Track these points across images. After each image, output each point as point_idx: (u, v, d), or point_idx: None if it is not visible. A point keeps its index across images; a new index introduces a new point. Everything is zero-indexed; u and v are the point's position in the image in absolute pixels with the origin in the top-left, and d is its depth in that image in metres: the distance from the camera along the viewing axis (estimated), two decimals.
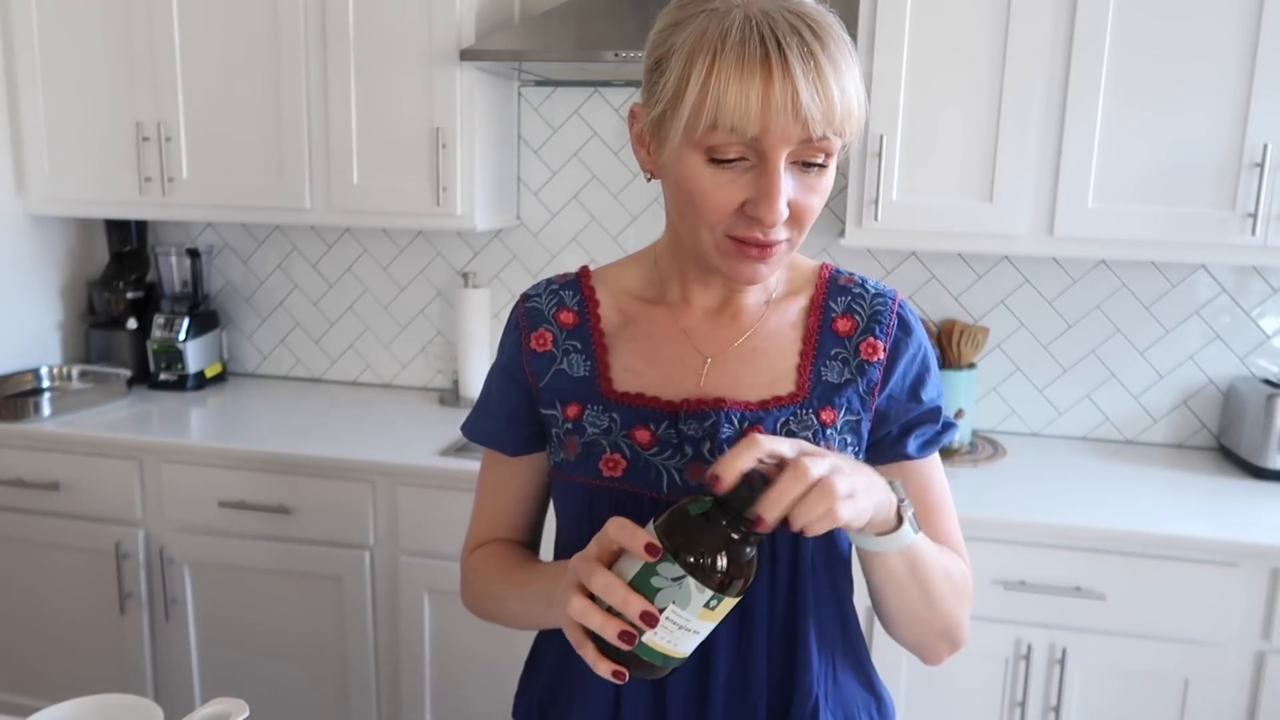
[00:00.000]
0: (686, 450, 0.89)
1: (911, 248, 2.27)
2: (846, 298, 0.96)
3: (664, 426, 0.90)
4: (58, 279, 2.65)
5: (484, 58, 2.12)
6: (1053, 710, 1.84)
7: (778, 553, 0.90)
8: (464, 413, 2.42)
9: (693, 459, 0.89)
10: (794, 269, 0.99)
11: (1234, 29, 1.84)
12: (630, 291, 0.98)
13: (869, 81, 1.98)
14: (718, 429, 0.88)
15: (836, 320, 0.95)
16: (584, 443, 0.92)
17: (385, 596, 2.12)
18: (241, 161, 2.34)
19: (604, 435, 0.92)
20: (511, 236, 2.58)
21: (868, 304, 0.95)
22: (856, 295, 0.96)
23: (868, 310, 0.95)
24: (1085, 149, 1.92)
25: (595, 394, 0.93)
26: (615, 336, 0.96)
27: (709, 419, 0.89)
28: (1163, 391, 2.30)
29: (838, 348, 0.94)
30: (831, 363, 0.93)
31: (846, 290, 0.97)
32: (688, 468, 0.89)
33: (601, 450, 0.91)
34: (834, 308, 0.96)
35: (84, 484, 2.23)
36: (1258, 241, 1.88)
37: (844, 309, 0.95)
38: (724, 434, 0.88)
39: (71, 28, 2.37)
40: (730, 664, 0.90)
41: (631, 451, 0.90)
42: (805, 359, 0.93)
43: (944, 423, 0.97)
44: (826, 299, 0.96)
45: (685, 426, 0.89)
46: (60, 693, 1.02)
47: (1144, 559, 1.76)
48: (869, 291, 0.97)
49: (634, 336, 0.96)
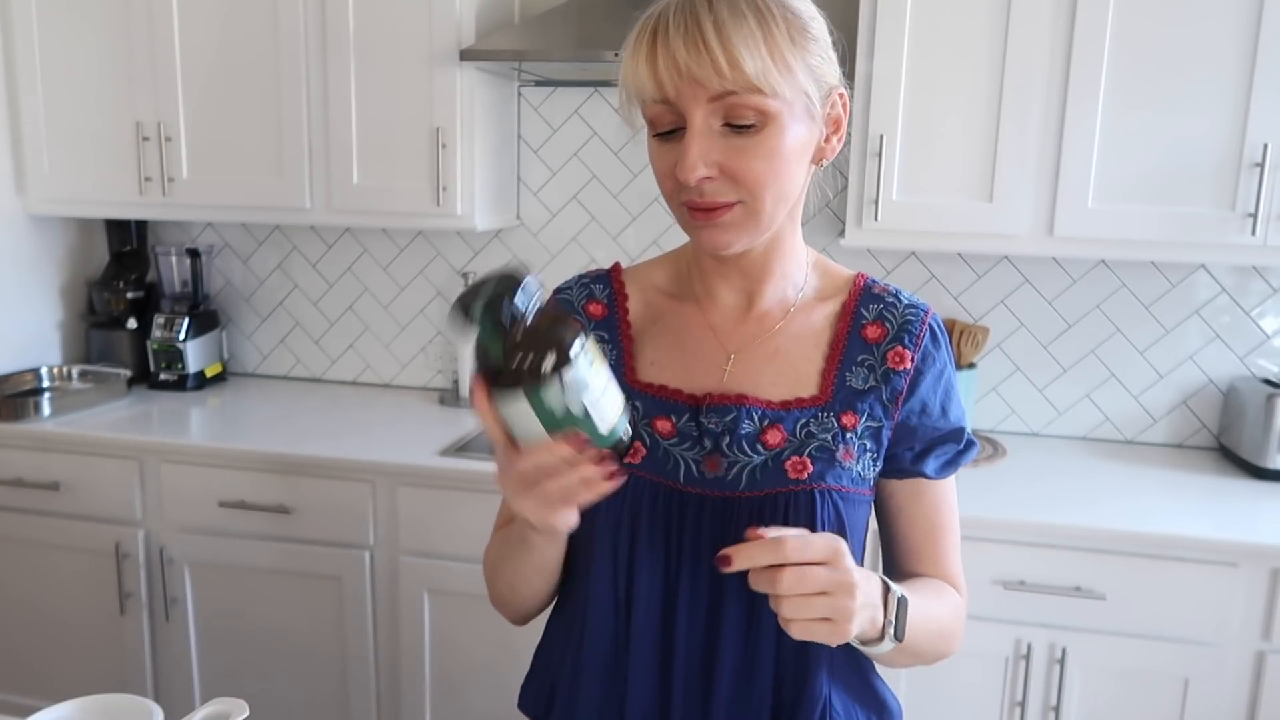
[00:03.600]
0: (705, 443, 0.91)
1: (911, 248, 2.27)
2: (879, 305, 0.97)
3: (685, 419, 0.92)
4: (58, 279, 2.65)
5: (484, 58, 2.12)
6: (1053, 710, 1.84)
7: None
8: (464, 413, 2.45)
9: (711, 452, 0.91)
10: (827, 275, 1.00)
11: (1234, 30, 1.84)
12: (659, 288, 1.01)
13: (869, 81, 1.98)
14: (738, 424, 0.90)
15: (866, 327, 0.96)
16: None
17: (385, 596, 2.12)
18: (241, 161, 2.34)
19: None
20: (511, 236, 2.58)
21: (899, 313, 0.96)
22: (889, 304, 0.97)
23: (899, 319, 0.96)
24: (1085, 149, 1.92)
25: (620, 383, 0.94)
26: (642, 330, 0.99)
27: (730, 414, 0.91)
28: (1163, 391, 2.30)
29: (865, 354, 0.95)
30: (857, 369, 0.94)
31: (880, 299, 0.97)
32: (705, 460, 0.91)
33: None
34: (865, 314, 0.96)
35: (84, 484, 2.23)
36: (1258, 241, 1.88)
37: (875, 316, 0.96)
38: (743, 430, 0.90)
39: (71, 28, 2.37)
40: (736, 661, 0.91)
41: (652, 440, 0.92)
42: (831, 363, 0.94)
43: (966, 441, 0.98)
44: (859, 305, 0.97)
45: (706, 420, 0.91)
46: (60, 693, 1.02)
47: (1144, 559, 1.76)
48: (902, 302, 0.97)
49: (661, 331, 0.98)
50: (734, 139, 0.83)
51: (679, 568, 0.90)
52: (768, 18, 0.81)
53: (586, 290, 1.02)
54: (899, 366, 0.94)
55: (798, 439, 0.91)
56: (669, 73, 0.81)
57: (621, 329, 0.99)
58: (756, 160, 0.84)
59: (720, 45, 0.79)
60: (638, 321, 0.99)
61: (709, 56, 0.79)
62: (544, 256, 2.57)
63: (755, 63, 0.80)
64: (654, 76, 0.82)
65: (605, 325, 0.99)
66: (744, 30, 0.80)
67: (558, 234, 2.55)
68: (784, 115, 0.83)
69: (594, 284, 1.02)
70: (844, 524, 0.90)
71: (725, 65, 0.79)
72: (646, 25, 0.83)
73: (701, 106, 0.82)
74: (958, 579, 1.00)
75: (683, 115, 0.83)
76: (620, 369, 0.96)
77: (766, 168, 0.84)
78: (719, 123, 0.83)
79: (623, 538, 0.92)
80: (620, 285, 1.02)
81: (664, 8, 0.83)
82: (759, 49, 0.80)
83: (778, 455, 0.90)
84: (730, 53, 0.79)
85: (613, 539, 0.92)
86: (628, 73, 0.85)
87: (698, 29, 0.80)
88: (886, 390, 0.93)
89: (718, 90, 0.81)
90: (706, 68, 0.80)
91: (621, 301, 1.00)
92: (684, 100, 0.82)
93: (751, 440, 0.90)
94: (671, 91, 0.82)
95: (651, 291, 1.01)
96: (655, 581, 0.91)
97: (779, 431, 0.91)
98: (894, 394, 0.94)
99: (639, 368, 0.96)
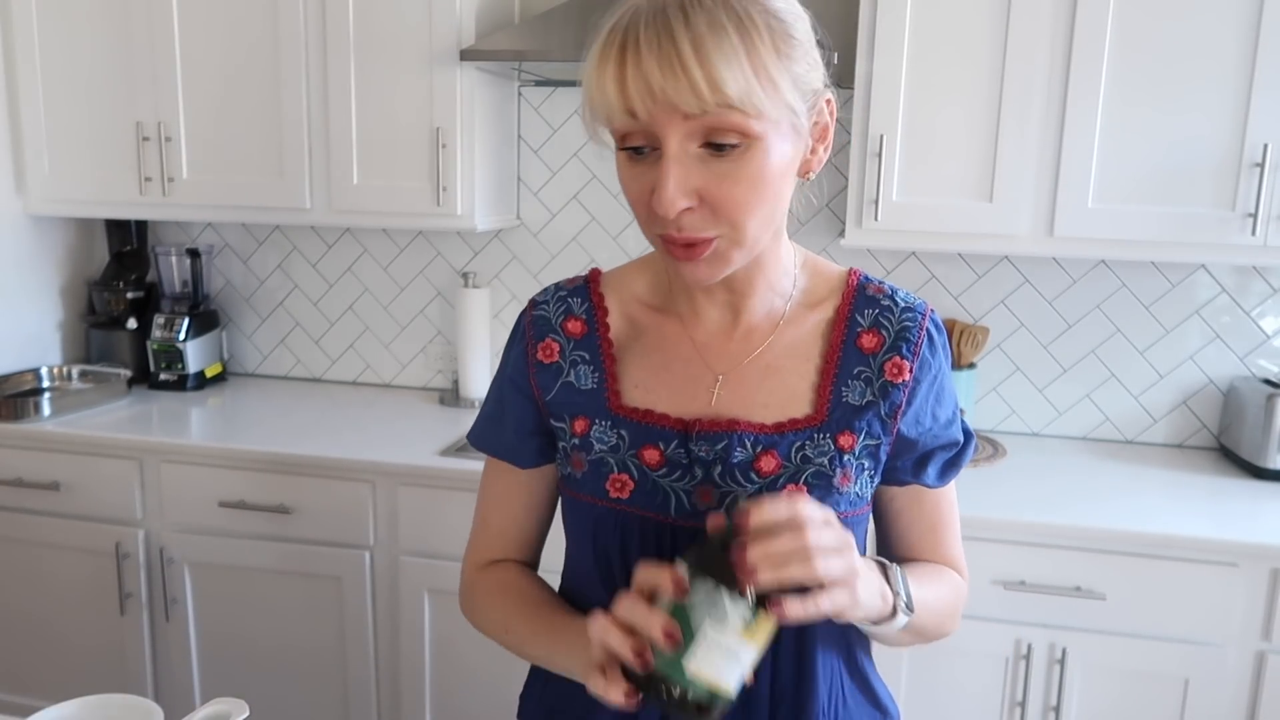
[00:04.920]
0: (696, 472, 0.87)
1: (911, 248, 2.27)
2: (874, 310, 0.91)
3: (674, 446, 0.87)
4: (58, 279, 2.65)
5: (484, 58, 2.12)
6: (1053, 710, 1.84)
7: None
8: (464, 412, 2.45)
9: (702, 481, 0.86)
10: (817, 276, 0.94)
11: (1234, 29, 1.84)
12: (640, 298, 0.95)
13: (869, 81, 1.98)
14: (730, 452, 0.86)
15: (862, 335, 0.90)
16: (591, 460, 0.90)
17: (385, 596, 2.12)
18: (241, 161, 2.34)
19: (611, 453, 0.89)
20: (511, 236, 2.58)
21: (896, 318, 0.90)
22: (885, 308, 0.91)
23: (895, 326, 0.90)
24: (1085, 149, 1.92)
25: (603, 409, 0.90)
26: (625, 349, 0.93)
27: (721, 441, 0.86)
28: (1163, 391, 2.30)
29: (861, 366, 0.89)
30: (854, 382, 0.89)
31: (874, 302, 0.92)
32: (696, 491, 0.87)
33: (609, 469, 0.89)
34: (860, 321, 0.90)
35: (84, 484, 2.23)
36: (1258, 241, 1.88)
37: (870, 323, 0.90)
38: (735, 458, 0.85)
39: (71, 28, 2.37)
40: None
41: (639, 472, 0.88)
42: (825, 378, 0.89)
43: (965, 433, 0.95)
44: (852, 311, 0.91)
45: (696, 448, 0.86)
46: (60, 693, 1.02)
47: (1144, 559, 1.76)
48: (898, 305, 0.91)
49: (644, 351, 0.92)
50: (714, 162, 0.75)
51: None
52: (750, 28, 0.73)
53: (564, 305, 0.95)
54: (897, 379, 0.88)
55: (793, 464, 0.86)
56: (640, 95, 0.73)
57: (603, 348, 0.92)
58: (739, 186, 0.76)
59: (699, 65, 0.71)
60: (619, 339, 0.93)
61: (687, 79, 0.71)
62: (544, 256, 2.57)
63: (739, 83, 0.72)
64: (623, 97, 0.73)
65: (585, 345, 0.93)
66: (725, 46, 0.72)
67: (558, 234, 2.55)
68: (769, 135, 0.75)
69: (571, 297, 0.95)
70: None
71: (706, 88, 0.71)
72: (613, 38, 0.74)
73: (678, 130, 0.74)
74: (959, 564, 0.98)
75: (649, 132, 0.75)
76: (602, 393, 0.91)
77: (750, 193, 0.77)
78: (697, 144, 0.75)
79: (613, 574, 0.89)
80: (599, 298, 0.95)
81: (632, 17, 0.74)
82: (742, 66, 0.72)
83: (772, 484, 0.86)
84: (711, 73, 0.71)
85: (603, 578, 0.90)
86: (593, 88, 0.76)
87: (673, 46, 0.71)
88: (885, 405, 0.89)
89: (699, 111, 0.72)
90: (685, 91, 0.71)
91: (601, 317, 0.94)
92: (658, 124, 0.74)
93: (745, 469, 0.86)
94: (644, 114, 0.73)
95: (633, 303, 0.94)
96: None
97: (773, 458, 0.86)
98: (892, 408, 0.89)
99: (623, 391, 0.91)
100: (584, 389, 0.92)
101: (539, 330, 0.95)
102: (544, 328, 0.95)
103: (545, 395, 0.93)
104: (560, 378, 0.93)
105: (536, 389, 0.94)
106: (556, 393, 0.93)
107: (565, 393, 0.92)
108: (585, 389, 0.92)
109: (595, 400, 0.91)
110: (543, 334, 0.94)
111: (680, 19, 0.72)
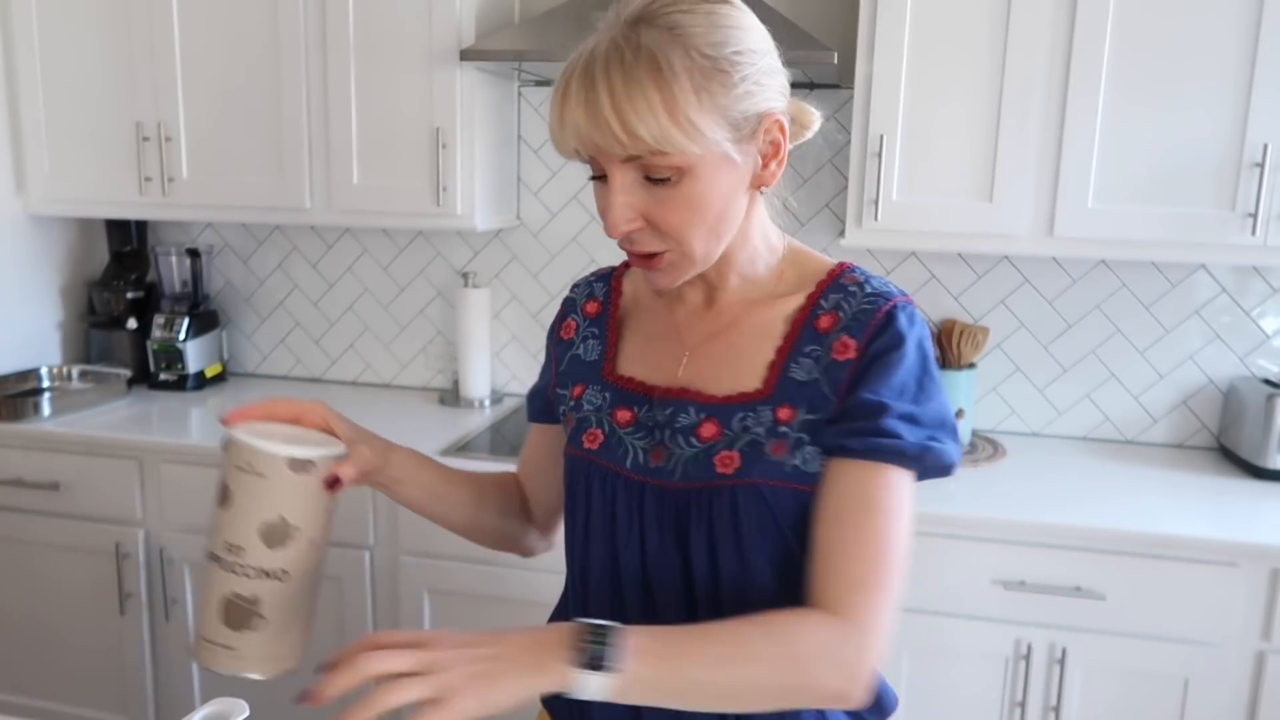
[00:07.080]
0: (655, 435, 0.95)
1: (911, 248, 2.27)
2: (839, 295, 0.93)
3: (643, 410, 0.97)
4: (58, 279, 2.65)
5: (484, 58, 2.12)
6: (1053, 710, 1.84)
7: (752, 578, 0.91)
8: (464, 413, 2.46)
9: (658, 443, 0.94)
10: (800, 266, 0.98)
11: (1234, 28, 1.84)
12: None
13: (869, 81, 1.98)
14: (676, 417, 0.94)
15: (821, 317, 0.93)
16: (579, 417, 1.01)
17: (385, 596, 2.12)
18: (241, 161, 2.34)
19: (595, 412, 0.99)
20: (511, 236, 2.58)
21: (856, 302, 0.92)
22: (850, 294, 0.93)
23: (854, 308, 0.91)
24: (1085, 148, 1.92)
25: (597, 376, 1.02)
26: (627, 326, 1.05)
27: (670, 407, 0.95)
28: (1163, 391, 2.30)
29: (814, 345, 0.92)
30: (804, 360, 0.91)
31: (843, 289, 0.94)
32: (652, 450, 0.95)
33: (589, 425, 0.99)
34: (823, 305, 0.93)
35: (84, 484, 2.23)
36: (1258, 241, 1.88)
37: (832, 306, 0.93)
38: (679, 423, 0.93)
39: (71, 28, 2.37)
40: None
41: (610, 429, 0.97)
42: (780, 356, 0.93)
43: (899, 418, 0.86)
44: (820, 297, 0.94)
45: (656, 411, 0.95)
46: (60, 693, 1.01)
47: (1144, 559, 1.76)
48: (865, 291, 0.92)
49: (638, 327, 1.04)
50: (654, 189, 0.84)
51: (624, 548, 0.95)
52: (668, 77, 0.80)
53: (589, 290, 1.09)
54: (841, 356, 0.90)
55: (733, 433, 0.90)
56: (576, 138, 0.83)
57: (609, 325, 1.05)
58: (678, 211, 0.85)
59: (615, 115, 0.79)
60: (625, 317, 1.05)
61: (607, 127, 0.80)
62: (544, 256, 2.57)
63: (652, 130, 0.79)
64: (564, 138, 0.84)
65: (596, 323, 1.06)
66: (638, 99, 0.79)
67: (558, 234, 2.55)
68: (698, 166, 0.83)
69: (597, 282, 1.10)
70: (773, 517, 0.89)
71: (623, 135, 0.80)
72: (560, 81, 0.84)
73: (616, 165, 0.84)
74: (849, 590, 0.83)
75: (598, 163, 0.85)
76: (600, 362, 1.03)
77: (690, 216, 0.85)
78: (639, 175, 0.84)
79: (578, 518, 0.99)
80: (619, 283, 1.08)
81: (574, 64, 0.83)
82: (656, 115, 0.79)
83: (709, 449, 0.91)
84: (625, 123, 0.79)
85: (570, 518, 1.02)
86: (551, 124, 0.86)
87: (594, 98, 0.80)
88: (827, 382, 0.89)
89: (622, 154, 0.82)
90: (608, 138, 0.81)
91: (615, 299, 1.07)
92: (600, 159, 0.84)
93: (687, 433, 0.92)
94: (584, 152, 0.85)
95: (643, 289, 1.06)
96: (603, 561, 0.97)
97: (714, 425, 0.91)
98: (835, 385, 0.89)
99: (618, 361, 1.02)
100: (588, 360, 1.04)
101: (565, 311, 1.10)
102: (569, 309, 1.10)
103: (559, 367, 1.07)
104: (571, 350, 1.06)
105: (555, 361, 1.09)
106: (567, 364, 1.06)
107: (573, 364, 1.05)
108: (589, 360, 1.04)
109: (593, 369, 1.03)
110: (567, 314, 1.10)
111: (603, 73, 0.80)
